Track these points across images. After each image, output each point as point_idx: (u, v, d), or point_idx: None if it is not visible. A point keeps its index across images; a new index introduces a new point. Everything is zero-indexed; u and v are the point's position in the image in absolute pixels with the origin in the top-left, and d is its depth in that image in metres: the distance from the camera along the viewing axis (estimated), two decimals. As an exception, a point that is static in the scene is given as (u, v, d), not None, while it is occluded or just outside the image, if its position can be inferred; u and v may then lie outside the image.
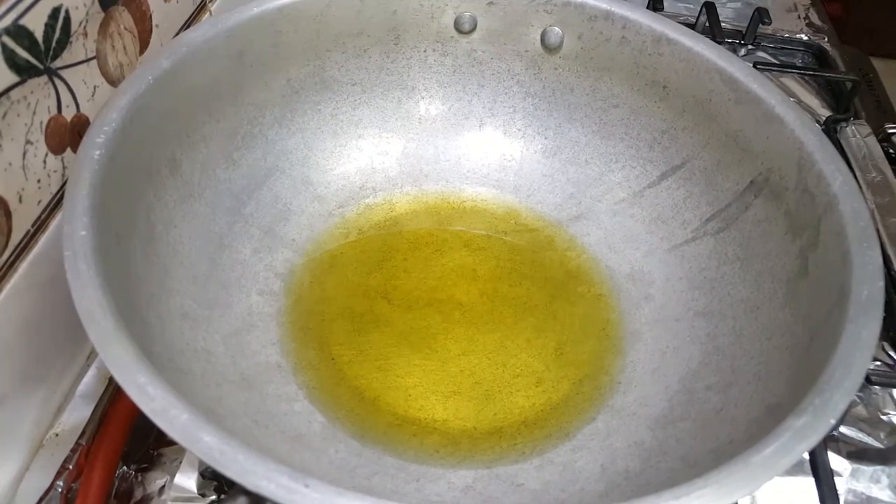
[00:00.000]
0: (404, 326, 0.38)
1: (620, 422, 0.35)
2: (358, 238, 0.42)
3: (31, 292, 0.32)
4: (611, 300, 0.40)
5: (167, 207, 0.34)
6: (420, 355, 0.37)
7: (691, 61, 0.39)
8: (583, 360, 0.38)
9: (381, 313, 0.39)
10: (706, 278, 0.38)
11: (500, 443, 0.34)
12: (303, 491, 0.21)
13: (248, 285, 0.38)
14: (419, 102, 0.45)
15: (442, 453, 0.33)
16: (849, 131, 0.50)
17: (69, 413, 0.35)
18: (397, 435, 0.34)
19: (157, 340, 0.29)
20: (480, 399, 0.36)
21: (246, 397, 0.33)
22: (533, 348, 0.38)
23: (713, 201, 0.39)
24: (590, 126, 0.44)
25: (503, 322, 0.39)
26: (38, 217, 0.32)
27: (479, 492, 0.32)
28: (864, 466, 0.35)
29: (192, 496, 0.32)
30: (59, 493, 0.32)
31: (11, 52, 0.28)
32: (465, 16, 0.43)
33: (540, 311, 0.40)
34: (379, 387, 0.36)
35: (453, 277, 0.41)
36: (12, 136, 0.30)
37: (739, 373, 0.33)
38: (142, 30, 0.38)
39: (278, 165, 0.42)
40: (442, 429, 0.35)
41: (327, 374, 0.36)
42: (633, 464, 0.32)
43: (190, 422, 0.23)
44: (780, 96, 0.36)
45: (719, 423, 0.31)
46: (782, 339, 0.32)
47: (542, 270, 0.42)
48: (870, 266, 0.29)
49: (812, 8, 0.66)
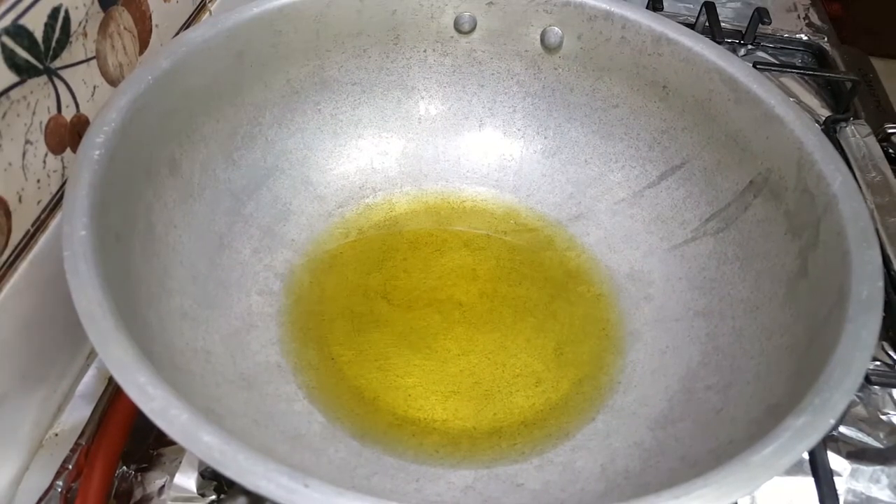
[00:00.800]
0: (404, 326, 0.38)
1: (620, 422, 0.34)
2: (357, 238, 0.42)
3: (30, 292, 0.32)
4: (610, 300, 0.40)
5: (167, 207, 0.34)
6: (420, 355, 0.37)
7: (691, 61, 0.39)
8: (582, 360, 0.38)
9: (381, 313, 0.39)
10: (706, 278, 0.38)
11: (500, 443, 0.34)
12: (302, 491, 0.21)
13: (247, 285, 0.38)
14: (419, 102, 0.45)
15: (441, 453, 0.33)
16: (848, 131, 0.50)
17: (69, 413, 0.35)
18: (397, 435, 0.34)
19: (157, 340, 0.29)
20: (480, 399, 0.36)
21: (245, 397, 0.33)
22: (532, 348, 0.38)
23: (713, 201, 0.39)
24: (589, 126, 0.44)
25: (503, 322, 0.39)
26: (37, 217, 0.32)
27: (478, 492, 0.32)
28: (864, 466, 0.35)
29: (192, 496, 0.32)
30: (58, 493, 0.32)
31: (11, 52, 0.28)
32: (464, 16, 0.43)
33: (539, 311, 0.40)
34: (378, 387, 0.36)
35: (453, 277, 0.41)
36: (12, 135, 0.30)
37: (739, 373, 0.33)
38: (141, 30, 0.38)
39: (278, 165, 0.42)
40: (441, 429, 0.35)
41: (327, 374, 0.36)
42: (632, 464, 0.32)
43: (189, 422, 0.23)
44: (780, 96, 0.36)
45: (719, 423, 0.31)
46: (782, 338, 0.32)
47: (541, 270, 0.42)
48: (869, 266, 0.29)
49: (812, 8, 0.66)
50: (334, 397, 0.35)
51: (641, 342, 0.38)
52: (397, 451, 0.33)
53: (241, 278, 0.38)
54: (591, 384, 0.36)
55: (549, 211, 0.44)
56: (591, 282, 0.41)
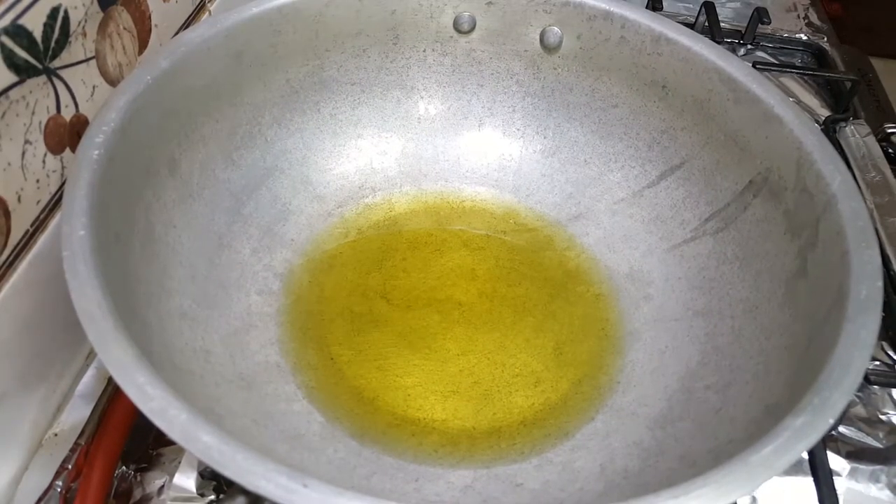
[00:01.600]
0: (403, 326, 0.38)
1: (619, 422, 0.35)
2: (357, 238, 0.42)
3: (30, 292, 0.32)
4: (610, 300, 0.40)
5: (166, 207, 0.34)
6: (419, 355, 0.37)
7: (690, 61, 0.39)
8: (582, 360, 0.38)
9: (381, 313, 0.39)
10: (705, 278, 0.38)
11: (499, 442, 0.34)
12: (301, 491, 0.21)
13: (247, 285, 0.38)
14: (418, 102, 0.45)
15: (441, 453, 0.33)
16: (848, 131, 0.50)
17: (68, 413, 0.35)
18: (396, 435, 0.34)
19: (156, 340, 0.29)
20: (479, 399, 0.36)
21: (245, 397, 0.33)
22: (532, 348, 0.38)
23: (712, 201, 0.39)
24: (589, 126, 0.44)
25: (502, 322, 0.39)
26: (36, 217, 0.32)
27: (478, 492, 0.32)
28: (863, 466, 0.35)
29: (191, 496, 0.32)
30: (58, 493, 0.32)
31: (10, 52, 0.28)
32: (464, 15, 0.43)
33: (539, 311, 0.40)
34: (378, 386, 0.36)
35: (452, 277, 0.41)
36: (11, 135, 0.30)
37: (738, 372, 0.33)
38: (141, 30, 0.38)
39: (277, 165, 0.42)
40: (441, 428, 0.35)
41: (326, 374, 0.36)
42: (632, 463, 0.32)
43: (189, 421, 0.23)
44: (779, 96, 0.36)
45: (718, 423, 0.31)
46: (781, 338, 0.32)
47: (541, 270, 0.42)
48: (868, 266, 0.29)
49: (811, 8, 0.66)
50: (333, 397, 0.35)
51: (641, 342, 0.38)
52: (396, 451, 0.33)
53: (240, 278, 0.38)
54: (591, 384, 0.36)
55: (548, 211, 0.44)
56: (591, 282, 0.41)
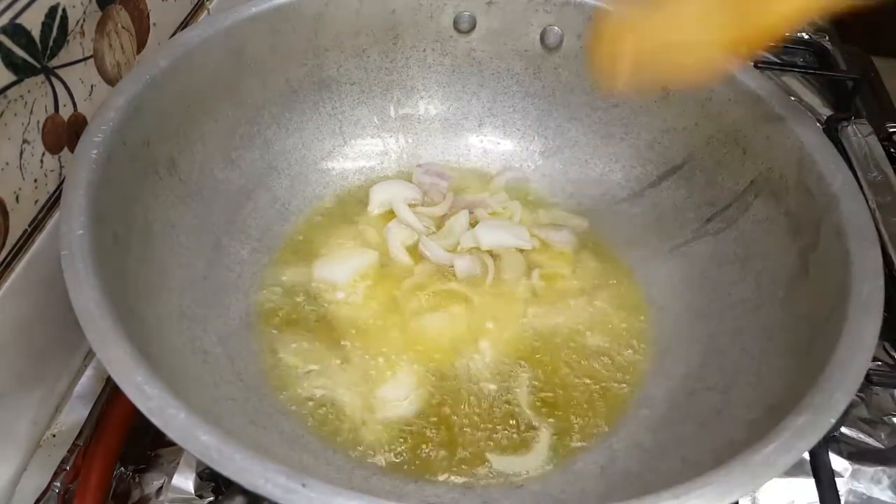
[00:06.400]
0: (407, 329, 0.38)
1: (620, 423, 0.34)
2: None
3: (28, 292, 0.31)
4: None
5: (165, 207, 0.34)
6: (422, 358, 0.37)
7: (691, 60, 0.39)
8: (582, 361, 0.37)
9: (383, 315, 0.39)
10: (706, 278, 0.38)
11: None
12: (300, 490, 0.21)
13: (245, 285, 0.38)
14: (418, 102, 0.45)
15: (440, 454, 0.33)
16: (850, 130, 0.50)
17: (66, 413, 0.35)
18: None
19: (155, 340, 0.29)
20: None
21: (243, 397, 0.32)
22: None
23: (713, 201, 0.39)
24: (590, 126, 0.44)
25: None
26: (35, 217, 0.32)
27: (478, 492, 0.32)
28: (865, 467, 0.35)
29: (190, 497, 0.32)
30: (56, 494, 0.32)
31: (8, 51, 0.28)
32: (464, 15, 0.42)
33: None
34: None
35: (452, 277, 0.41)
36: (9, 135, 0.30)
37: (740, 373, 0.32)
38: (139, 29, 0.38)
39: (276, 165, 0.41)
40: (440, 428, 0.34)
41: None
42: (632, 464, 0.32)
43: (187, 421, 0.23)
44: (781, 96, 0.36)
45: (719, 424, 0.31)
46: (783, 338, 0.32)
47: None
48: (870, 266, 0.29)
49: (813, 7, 0.65)
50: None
51: (642, 343, 0.38)
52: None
53: (238, 278, 0.38)
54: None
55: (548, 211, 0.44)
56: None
